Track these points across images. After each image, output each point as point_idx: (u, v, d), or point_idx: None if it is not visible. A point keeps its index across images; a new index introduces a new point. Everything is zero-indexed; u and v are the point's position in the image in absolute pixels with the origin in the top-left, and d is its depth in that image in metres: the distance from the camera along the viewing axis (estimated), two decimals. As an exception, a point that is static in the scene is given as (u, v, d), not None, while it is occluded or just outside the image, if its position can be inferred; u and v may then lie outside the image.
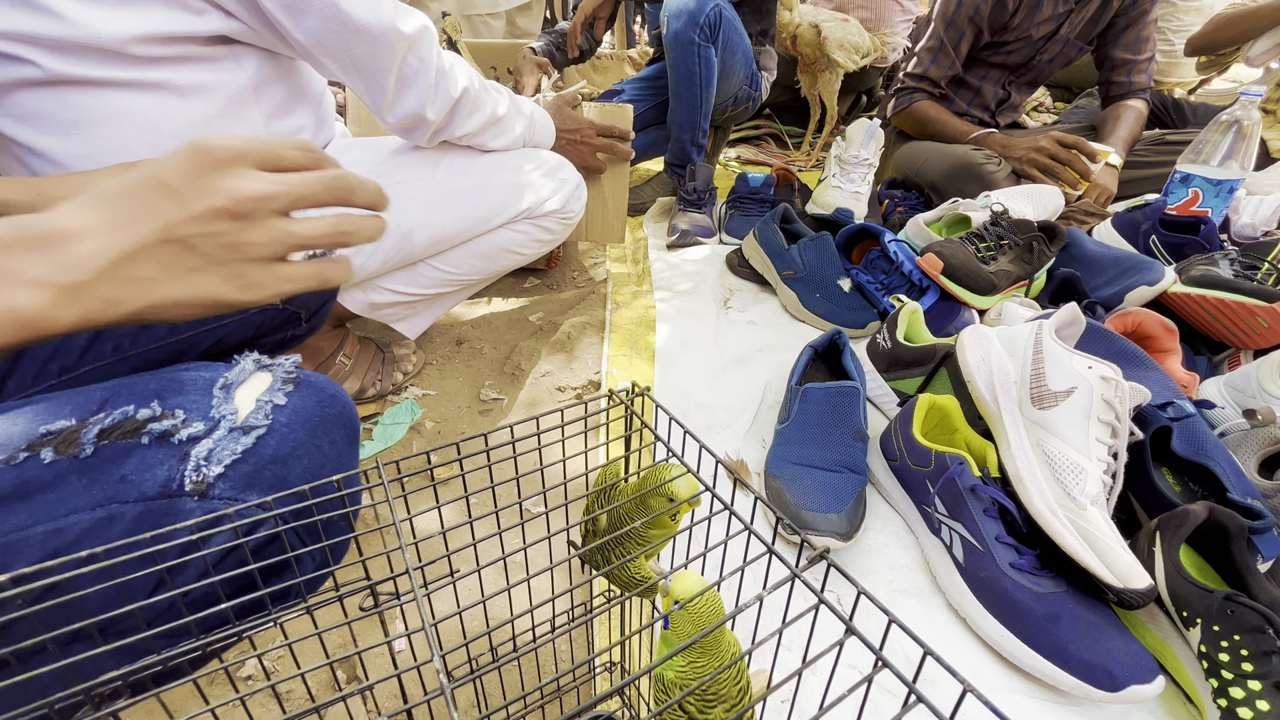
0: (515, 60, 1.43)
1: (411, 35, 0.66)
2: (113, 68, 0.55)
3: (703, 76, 1.30)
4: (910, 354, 0.82)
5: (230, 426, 0.30)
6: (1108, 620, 0.52)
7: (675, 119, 1.38)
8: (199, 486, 0.29)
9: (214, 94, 0.62)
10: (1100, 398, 0.57)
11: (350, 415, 0.35)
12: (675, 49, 1.27)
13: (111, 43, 0.54)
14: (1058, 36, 1.38)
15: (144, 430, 0.29)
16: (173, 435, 0.29)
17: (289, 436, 0.31)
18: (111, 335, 0.45)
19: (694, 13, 1.22)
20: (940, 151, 1.37)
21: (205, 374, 0.32)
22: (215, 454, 0.29)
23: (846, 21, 1.79)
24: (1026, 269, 0.97)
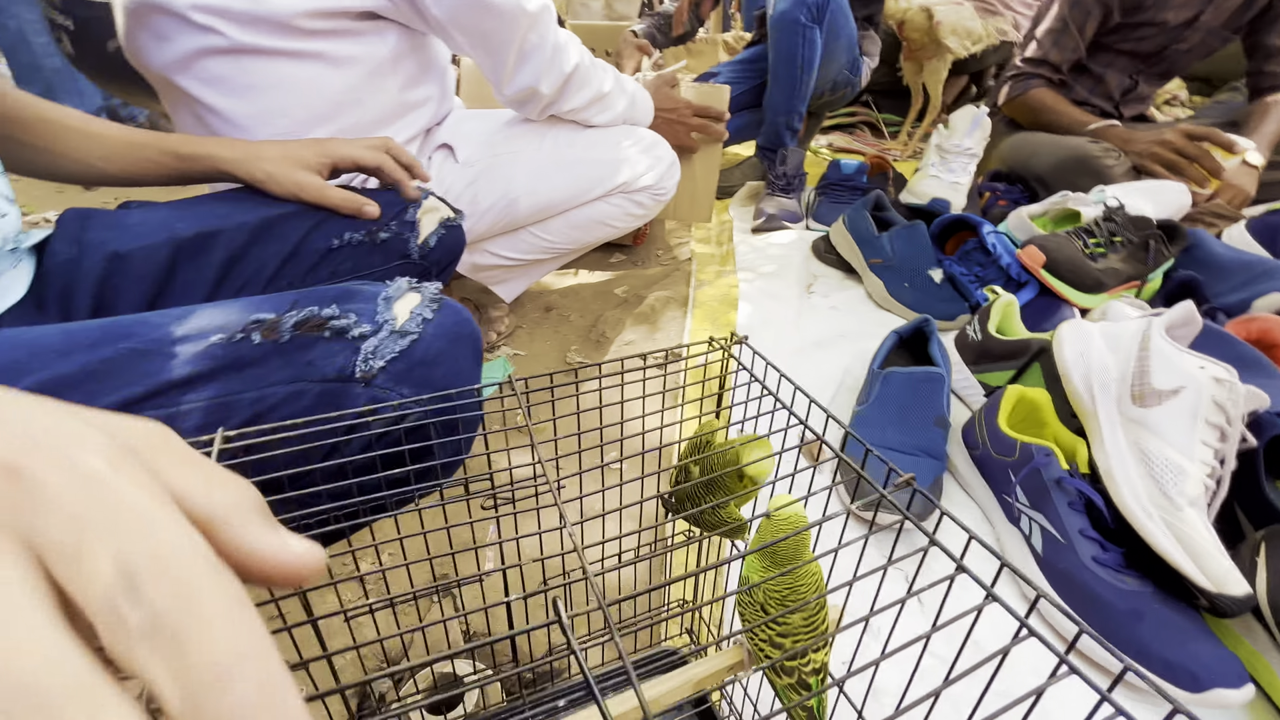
0: (617, 42, 1.47)
1: (534, 12, 0.70)
2: (282, 38, 0.63)
3: (805, 59, 1.29)
4: (1001, 347, 0.80)
5: (390, 330, 0.36)
6: (1195, 624, 0.50)
7: (771, 101, 1.38)
8: (366, 375, 0.35)
9: (359, 65, 0.69)
10: (1210, 399, 0.55)
11: (478, 336, 0.41)
12: (779, 29, 1.26)
13: (284, 15, 0.62)
14: (1198, 24, 1.26)
15: (327, 326, 0.35)
16: (347, 332, 0.35)
17: (434, 344, 0.37)
18: (288, 275, 0.53)
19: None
20: (1053, 143, 1.29)
21: (372, 288, 0.39)
22: (379, 350, 0.35)
23: (960, 5, 1.71)
24: (1140, 269, 0.91)
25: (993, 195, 1.33)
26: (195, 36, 0.62)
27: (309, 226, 0.54)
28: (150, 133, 0.55)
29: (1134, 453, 0.57)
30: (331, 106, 0.69)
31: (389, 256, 0.57)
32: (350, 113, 0.71)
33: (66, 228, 0.49)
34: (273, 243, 0.53)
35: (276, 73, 0.65)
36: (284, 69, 0.65)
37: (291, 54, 0.65)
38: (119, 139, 0.54)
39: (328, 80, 0.68)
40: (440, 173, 0.82)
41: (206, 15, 0.61)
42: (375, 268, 0.56)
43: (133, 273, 0.48)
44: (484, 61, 0.74)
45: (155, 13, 0.62)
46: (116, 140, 0.54)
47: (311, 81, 0.67)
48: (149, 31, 0.64)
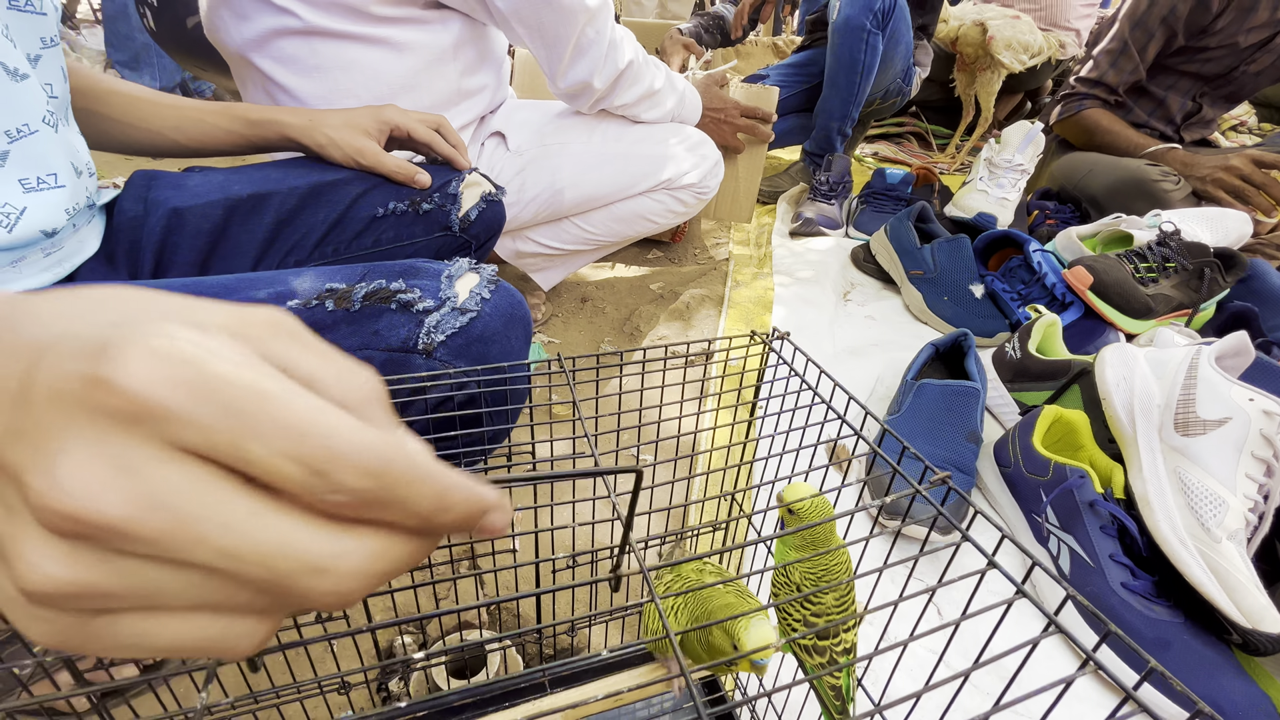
0: (663, 40, 1.48)
1: (593, 8, 0.72)
2: (353, 23, 0.66)
3: (865, 65, 1.28)
4: (1041, 367, 0.78)
5: (452, 306, 0.38)
6: (1225, 659, 0.49)
7: (826, 106, 1.37)
8: (428, 347, 0.37)
9: (423, 51, 0.72)
10: (1258, 432, 0.54)
11: (529, 320, 0.43)
12: (844, 34, 1.25)
13: (357, 2, 0.64)
14: (1271, 46, 1.21)
15: (394, 299, 0.37)
16: (413, 306, 0.37)
17: (490, 323, 0.38)
18: (333, 240, 0.55)
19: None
20: (1109, 164, 1.26)
21: (434, 266, 0.41)
22: (441, 325, 0.37)
23: (1018, 19, 1.68)
24: (1192, 296, 0.89)
25: (1041, 214, 1.30)
26: (273, 17, 0.65)
27: (357, 193, 0.56)
28: (219, 104, 0.58)
29: (1173, 481, 0.56)
30: (394, 90, 0.72)
31: (430, 228, 0.59)
32: (411, 96, 0.73)
33: (134, 187, 0.53)
34: (321, 208, 0.55)
35: (345, 55, 0.68)
36: (352, 52, 0.68)
37: (360, 38, 0.68)
38: (189, 110, 0.57)
39: (392, 64, 0.71)
40: (491, 159, 0.84)
41: None
42: (417, 238, 0.58)
43: (189, 229, 0.51)
44: (541, 54, 0.75)
45: (238, -8, 0.65)
46: (187, 110, 0.57)
47: (377, 65, 0.70)
48: (230, 9, 0.67)
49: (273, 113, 0.57)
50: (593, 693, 0.34)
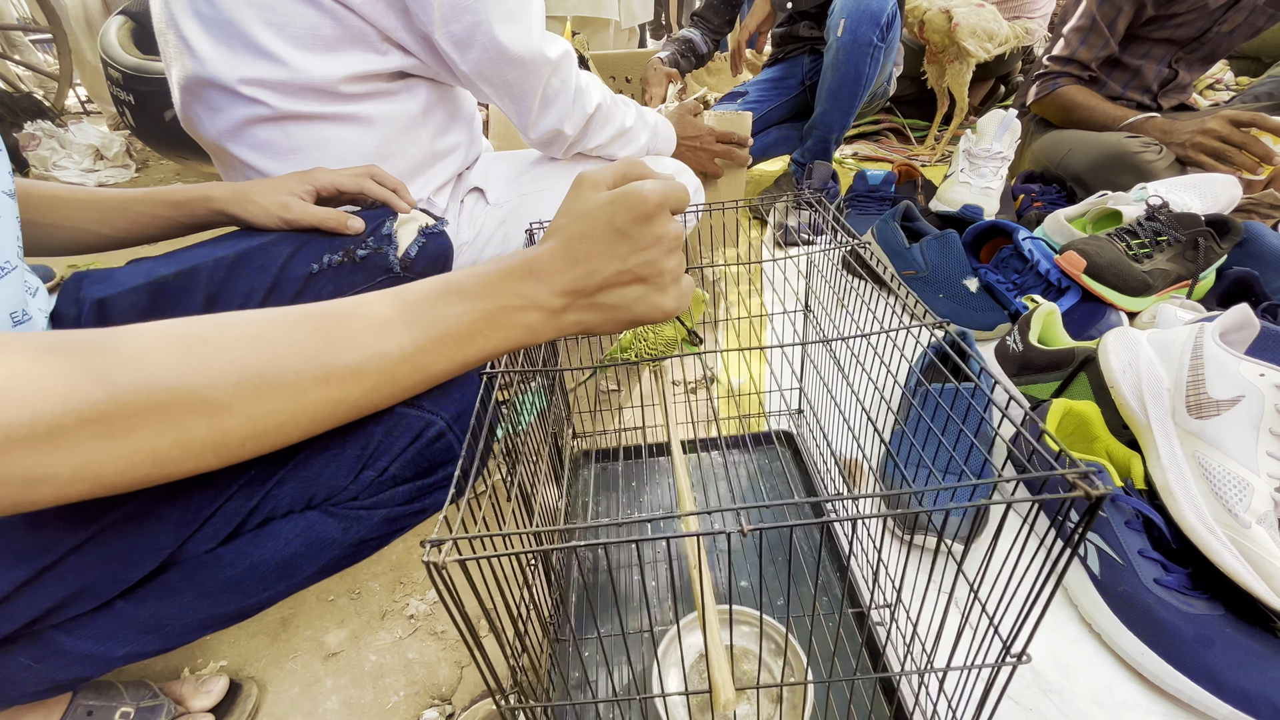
0: (645, 71, 1.50)
1: (555, 59, 0.73)
2: (322, 103, 0.67)
3: (868, 77, 1.30)
4: (1044, 357, 0.77)
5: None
6: (1273, 650, 0.47)
7: (825, 119, 1.39)
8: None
9: (394, 120, 0.73)
10: (1274, 408, 0.52)
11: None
12: (850, 50, 1.26)
13: (322, 83, 0.66)
14: (1241, 3, 1.21)
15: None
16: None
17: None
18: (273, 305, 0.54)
19: (875, 13, 1.21)
20: (1088, 140, 1.26)
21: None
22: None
23: (982, 7, 1.69)
24: (1189, 268, 0.88)
25: (1027, 197, 1.30)
26: (244, 107, 0.67)
27: (288, 253, 0.55)
28: (143, 190, 0.57)
29: (1194, 467, 0.55)
30: (368, 160, 0.73)
31: (371, 273, 0.58)
32: (386, 165, 0.75)
33: (68, 290, 0.52)
34: (253, 274, 0.54)
35: (318, 135, 0.69)
36: (324, 131, 0.69)
37: (331, 117, 0.69)
38: (111, 200, 0.55)
39: (364, 137, 0.72)
40: (473, 215, 0.85)
41: (252, 88, 0.65)
42: (358, 286, 0.57)
43: (116, 318, 0.50)
44: (508, 108, 0.76)
45: (207, 87, 0.66)
46: (108, 202, 0.55)
47: (349, 140, 0.71)
48: (202, 104, 0.69)
49: (198, 189, 0.57)
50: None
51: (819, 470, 0.72)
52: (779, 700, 0.46)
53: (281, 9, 0.63)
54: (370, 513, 0.40)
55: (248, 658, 0.60)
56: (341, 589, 0.66)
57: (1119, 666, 0.52)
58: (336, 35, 0.65)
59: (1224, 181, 1.05)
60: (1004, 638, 0.34)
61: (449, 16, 0.66)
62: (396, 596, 0.65)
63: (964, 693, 0.38)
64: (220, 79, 0.65)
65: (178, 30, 0.65)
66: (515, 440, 0.43)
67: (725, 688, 0.31)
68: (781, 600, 0.57)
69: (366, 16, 0.65)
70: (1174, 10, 1.23)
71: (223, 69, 0.64)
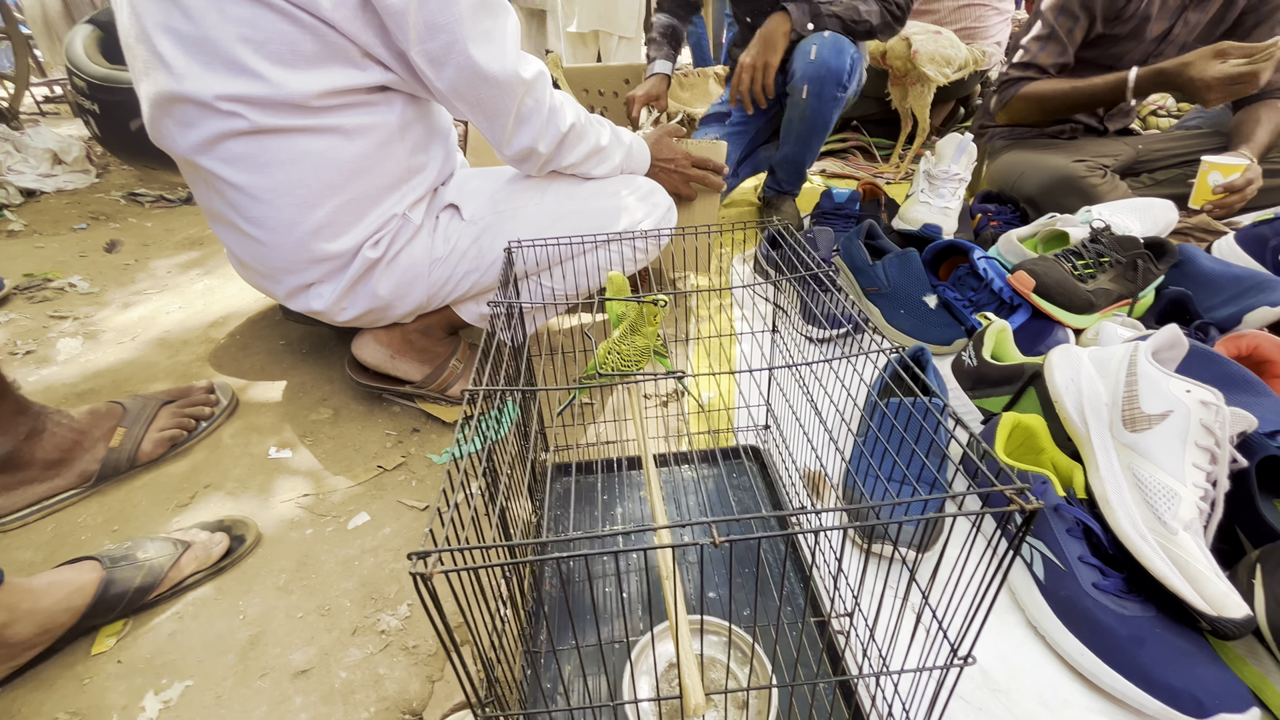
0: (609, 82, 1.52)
1: (529, 80, 0.75)
2: (298, 117, 0.68)
3: (834, 118, 1.37)
4: (997, 372, 0.82)
5: None
6: (1199, 648, 0.51)
7: (794, 157, 1.46)
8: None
9: (371, 134, 0.74)
10: (1198, 422, 0.57)
11: None
12: (816, 108, 1.32)
13: (300, 98, 0.66)
14: (1172, 37, 1.30)
15: None
16: None
17: None
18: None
19: (837, 73, 1.27)
20: (1038, 164, 1.32)
21: None
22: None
23: (939, 34, 1.77)
24: (1130, 287, 0.93)
25: (984, 216, 1.36)
26: (219, 121, 0.67)
27: None
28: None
29: (1128, 478, 0.59)
30: (345, 175, 0.73)
31: None
32: (362, 179, 0.75)
33: None
34: None
35: (294, 148, 0.69)
36: (301, 144, 0.70)
37: (307, 130, 0.69)
38: None
39: (341, 151, 0.72)
40: (447, 231, 0.86)
41: (230, 103, 0.65)
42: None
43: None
44: (483, 126, 0.78)
45: (181, 103, 0.66)
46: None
47: (326, 153, 0.71)
48: (174, 119, 0.68)
49: None
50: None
51: (785, 484, 0.74)
52: (745, 706, 0.48)
53: (261, 25, 0.63)
54: None
55: (214, 676, 0.59)
56: (311, 605, 0.66)
57: (1061, 667, 0.56)
58: (316, 51, 0.65)
59: (1162, 206, 1.13)
60: (951, 641, 0.37)
61: (424, 35, 0.67)
62: (368, 612, 0.65)
63: (917, 694, 0.40)
64: (197, 95, 0.65)
65: (151, 46, 0.65)
66: (495, 455, 0.45)
67: (695, 693, 0.32)
68: (748, 610, 0.59)
69: (346, 33, 0.66)
70: (1117, 32, 1.30)
71: (199, 86, 0.64)
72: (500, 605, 0.40)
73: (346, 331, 1.10)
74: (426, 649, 0.61)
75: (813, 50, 1.26)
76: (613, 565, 0.65)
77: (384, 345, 0.92)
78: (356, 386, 0.97)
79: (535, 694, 0.49)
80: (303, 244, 0.76)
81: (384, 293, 0.83)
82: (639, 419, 0.59)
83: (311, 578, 0.69)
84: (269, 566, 0.70)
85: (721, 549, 0.67)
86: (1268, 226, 1.04)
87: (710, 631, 0.54)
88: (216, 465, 0.86)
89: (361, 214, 0.77)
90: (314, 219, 0.74)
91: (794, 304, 1.11)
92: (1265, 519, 0.57)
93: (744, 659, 0.51)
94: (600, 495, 0.76)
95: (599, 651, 0.36)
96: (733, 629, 0.53)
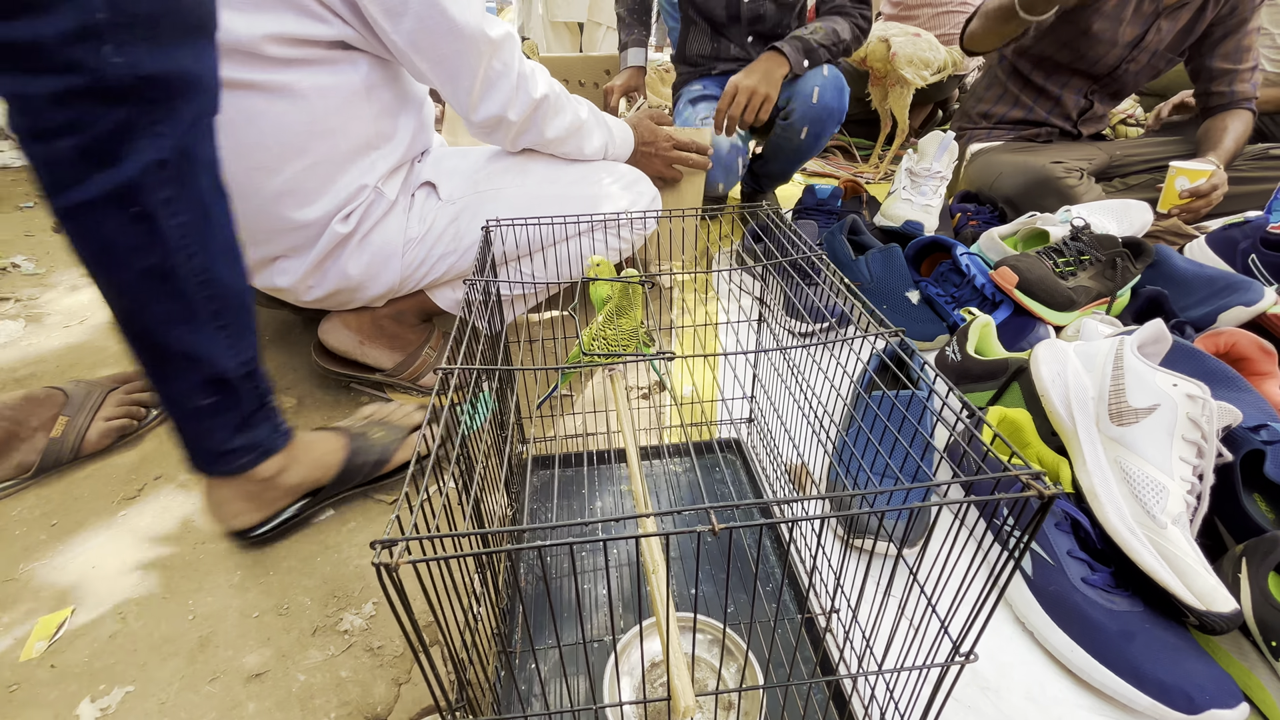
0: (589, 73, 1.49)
1: (496, 39, 0.71)
2: (250, 69, 0.63)
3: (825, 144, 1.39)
4: (981, 367, 0.81)
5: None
6: (1187, 643, 0.51)
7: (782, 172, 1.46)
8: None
9: (332, 95, 0.69)
10: (1185, 416, 0.56)
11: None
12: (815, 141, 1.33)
13: (247, 42, 0.61)
14: (1143, 44, 1.32)
15: None
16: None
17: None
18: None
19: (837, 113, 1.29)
20: (1017, 165, 1.34)
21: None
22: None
23: (918, 36, 1.78)
24: (1108, 286, 0.94)
25: (964, 216, 1.36)
26: None
27: None
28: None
29: (1116, 471, 0.58)
30: (304, 136, 0.69)
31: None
32: (323, 142, 0.71)
33: None
34: None
35: (250, 108, 0.65)
36: (257, 104, 0.65)
37: (261, 87, 0.64)
38: None
39: (300, 112, 0.68)
40: (423, 210, 0.82)
41: None
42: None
43: None
44: (448, 89, 0.74)
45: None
46: None
47: (284, 114, 0.67)
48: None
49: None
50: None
51: (769, 477, 0.72)
52: (731, 707, 0.46)
53: None
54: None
55: (158, 681, 0.55)
56: (268, 605, 0.61)
57: (1050, 664, 0.55)
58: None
59: (1138, 207, 1.14)
60: (953, 637, 0.35)
61: None
62: (329, 611, 0.61)
63: (913, 693, 0.38)
64: None
65: None
66: (469, 442, 0.42)
67: (685, 695, 0.30)
68: (733, 607, 0.57)
69: None
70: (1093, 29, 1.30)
71: None
72: (473, 601, 0.37)
73: (313, 317, 1.05)
74: (393, 650, 0.57)
75: (815, 92, 1.26)
76: (592, 560, 0.62)
77: (353, 330, 0.88)
78: (323, 374, 0.93)
79: (510, 697, 0.46)
80: (266, 210, 0.71)
81: (354, 272, 0.79)
82: (622, 409, 0.56)
83: (269, 575, 0.65)
84: (222, 563, 0.66)
85: (718, 539, 0.65)
86: (1237, 230, 1.06)
87: (695, 629, 0.51)
88: (168, 456, 0.80)
89: (327, 179, 0.73)
90: (274, 184, 0.70)
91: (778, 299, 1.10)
92: (1248, 513, 0.57)
93: (732, 658, 0.49)
94: (579, 488, 0.73)
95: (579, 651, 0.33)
96: (716, 625, 0.51)
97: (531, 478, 0.74)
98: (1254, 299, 0.86)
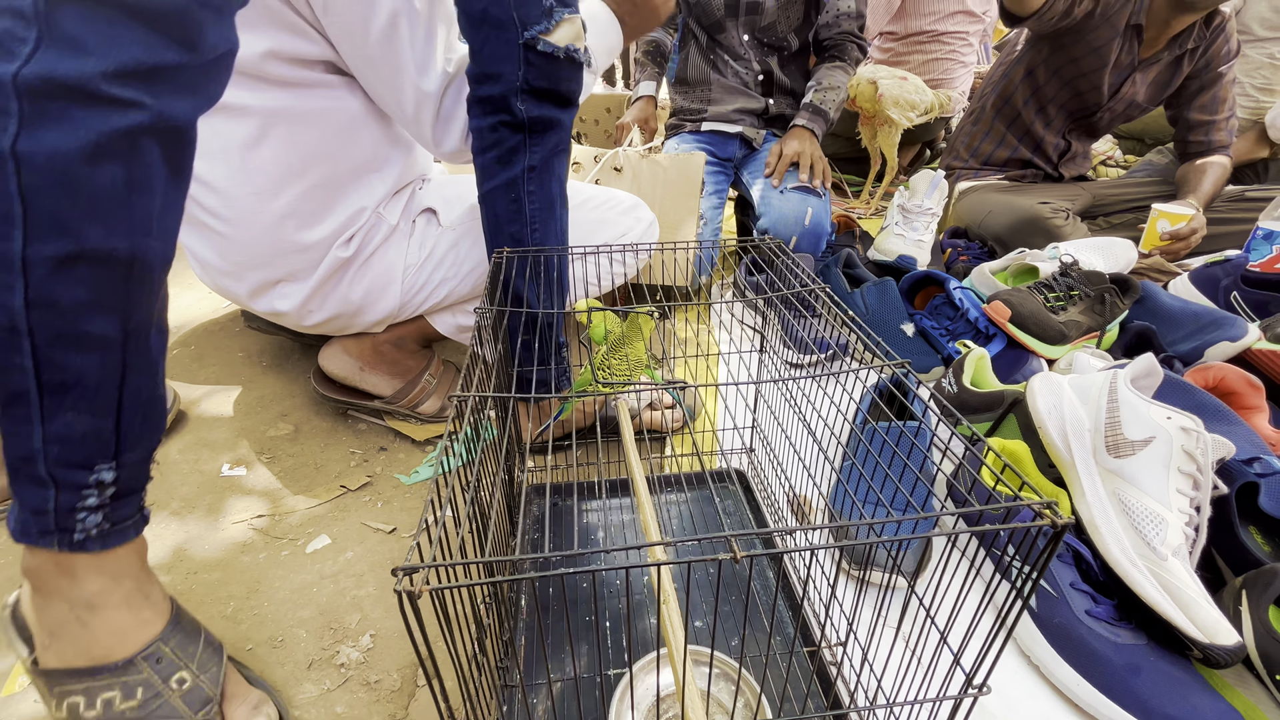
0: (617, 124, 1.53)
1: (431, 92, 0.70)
2: (255, 92, 0.64)
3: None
4: (977, 399, 0.82)
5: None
6: (1192, 677, 0.51)
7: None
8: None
9: (333, 118, 0.70)
10: (1180, 448, 0.57)
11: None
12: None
13: (250, 63, 0.62)
14: (1120, 94, 1.38)
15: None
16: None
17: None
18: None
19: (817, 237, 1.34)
20: (1006, 204, 1.38)
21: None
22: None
23: (905, 80, 1.84)
24: (1098, 320, 0.96)
25: (954, 251, 1.40)
26: None
27: None
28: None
29: (1114, 503, 0.59)
30: (306, 160, 0.70)
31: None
32: (323, 165, 0.71)
33: None
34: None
35: (249, 134, 0.66)
36: (260, 129, 0.66)
37: (261, 112, 0.66)
38: None
39: (302, 135, 0.69)
40: (424, 236, 0.83)
41: None
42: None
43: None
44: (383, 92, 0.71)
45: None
46: None
47: (286, 139, 0.68)
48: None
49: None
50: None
51: (774, 508, 0.72)
52: (739, 743, 0.45)
53: None
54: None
55: (146, 717, 0.53)
56: (261, 636, 0.60)
57: (1056, 698, 0.54)
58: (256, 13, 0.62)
59: (1123, 245, 1.18)
60: (966, 670, 0.35)
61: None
62: (325, 644, 0.60)
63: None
64: None
65: None
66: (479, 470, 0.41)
67: (699, 730, 0.29)
68: (735, 640, 0.56)
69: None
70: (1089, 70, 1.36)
71: None
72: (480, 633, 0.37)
73: (311, 344, 1.05)
74: (390, 684, 0.56)
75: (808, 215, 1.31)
76: (603, 589, 0.61)
77: (353, 356, 0.88)
78: (321, 400, 0.92)
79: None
80: (268, 232, 0.72)
81: (355, 296, 0.79)
82: (627, 438, 0.56)
83: (263, 606, 0.63)
84: (215, 594, 0.64)
85: (708, 577, 0.65)
86: (1219, 268, 1.10)
87: (702, 663, 0.50)
88: (161, 482, 0.79)
89: (326, 202, 0.74)
90: (275, 207, 0.71)
91: (776, 330, 1.11)
92: (1246, 546, 0.57)
93: (739, 692, 0.48)
94: (579, 518, 0.72)
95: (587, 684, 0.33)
96: (723, 659, 0.50)
97: (531, 507, 0.73)
98: (1239, 334, 0.88)
